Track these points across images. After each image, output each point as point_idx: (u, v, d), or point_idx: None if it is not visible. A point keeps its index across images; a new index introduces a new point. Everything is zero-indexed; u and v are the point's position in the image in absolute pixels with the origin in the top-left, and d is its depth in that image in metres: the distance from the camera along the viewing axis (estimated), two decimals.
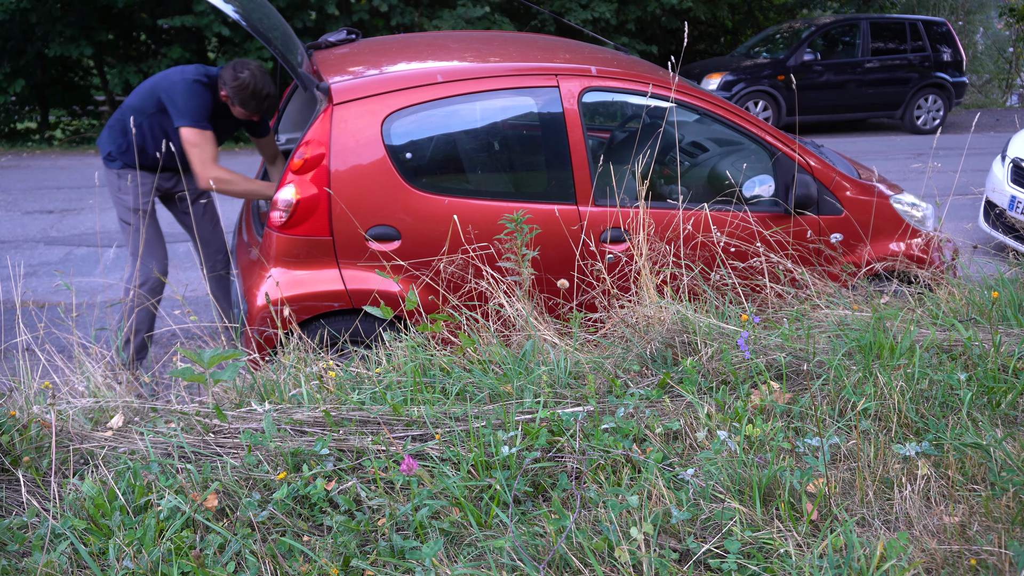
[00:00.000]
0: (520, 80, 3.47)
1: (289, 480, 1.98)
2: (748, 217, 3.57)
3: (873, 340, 2.56)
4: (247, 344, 3.27)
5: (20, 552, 1.81)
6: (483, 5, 12.06)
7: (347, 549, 1.79)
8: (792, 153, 3.64)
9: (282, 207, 3.19)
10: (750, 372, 2.52)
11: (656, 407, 2.36)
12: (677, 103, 3.57)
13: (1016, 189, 5.86)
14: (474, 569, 1.72)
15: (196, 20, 11.08)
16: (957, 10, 19.50)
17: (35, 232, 6.72)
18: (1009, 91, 19.76)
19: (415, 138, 3.40)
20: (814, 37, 12.11)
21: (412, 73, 3.41)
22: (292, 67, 3.30)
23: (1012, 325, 2.91)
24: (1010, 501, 1.87)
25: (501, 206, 3.34)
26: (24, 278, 5.42)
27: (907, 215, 3.90)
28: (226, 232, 4.52)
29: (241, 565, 1.77)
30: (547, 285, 3.37)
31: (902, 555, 1.67)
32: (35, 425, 2.19)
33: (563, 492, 2.00)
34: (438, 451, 2.11)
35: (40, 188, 8.39)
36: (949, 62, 12.33)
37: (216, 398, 2.50)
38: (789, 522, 1.83)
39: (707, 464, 2.03)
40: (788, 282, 3.34)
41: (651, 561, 1.69)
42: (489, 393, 2.41)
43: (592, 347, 2.94)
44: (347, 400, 2.39)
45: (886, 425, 2.28)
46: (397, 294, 3.25)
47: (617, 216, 3.45)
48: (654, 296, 3.03)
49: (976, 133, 12.08)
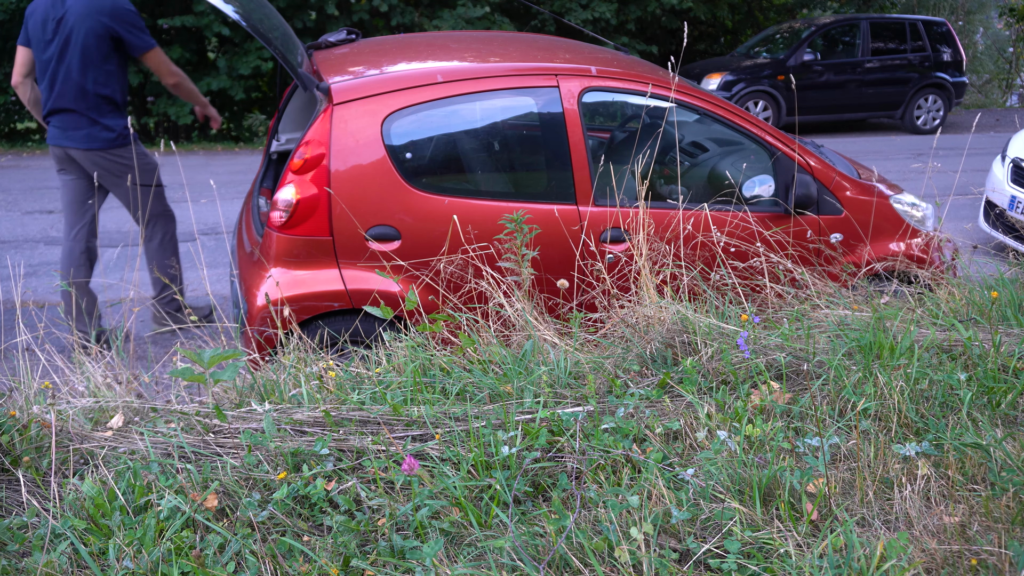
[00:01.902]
0: (520, 80, 3.47)
1: (289, 480, 1.98)
2: (748, 217, 3.57)
3: (873, 340, 2.56)
4: (247, 344, 3.27)
5: (20, 552, 1.82)
6: (483, 5, 12.06)
7: (347, 549, 1.79)
8: (792, 153, 3.64)
9: (282, 207, 3.19)
10: (750, 372, 2.52)
11: (656, 407, 2.36)
12: (677, 103, 3.57)
13: (1016, 189, 5.86)
14: (474, 569, 1.72)
15: (196, 20, 11.08)
16: (957, 10, 19.51)
17: (35, 232, 6.72)
18: (1009, 91, 19.77)
19: (415, 138, 3.40)
20: (814, 37, 12.11)
21: (412, 73, 3.41)
22: (292, 67, 3.30)
23: (1012, 325, 2.91)
24: (1010, 501, 1.87)
25: (501, 206, 3.34)
26: (24, 278, 5.42)
27: (907, 215, 3.90)
28: (226, 232, 4.53)
29: (241, 565, 1.77)
30: (547, 285, 3.37)
31: (902, 555, 1.67)
32: (35, 425, 2.19)
33: (563, 492, 2.00)
34: (438, 451, 2.11)
35: (40, 188, 8.39)
36: (949, 62, 12.33)
37: (216, 398, 2.51)
38: (789, 522, 1.83)
39: (707, 464, 2.03)
40: (788, 282, 3.34)
41: (651, 561, 1.69)
42: (489, 393, 2.41)
43: (592, 347, 2.94)
44: (347, 400, 2.39)
45: (886, 425, 2.28)
46: (397, 294, 3.25)
47: (617, 216, 3.45)
48: (654, 296, 3.03)
49: (976, 133, 12.09)
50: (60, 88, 4.06)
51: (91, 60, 4.03)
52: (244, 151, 10.69)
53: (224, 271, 5.59)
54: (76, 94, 4.06)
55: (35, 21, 4.07)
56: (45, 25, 4.03)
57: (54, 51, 4.02)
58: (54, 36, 4.01)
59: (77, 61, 4.01)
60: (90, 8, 3.99)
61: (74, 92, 4.06)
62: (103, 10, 4.01)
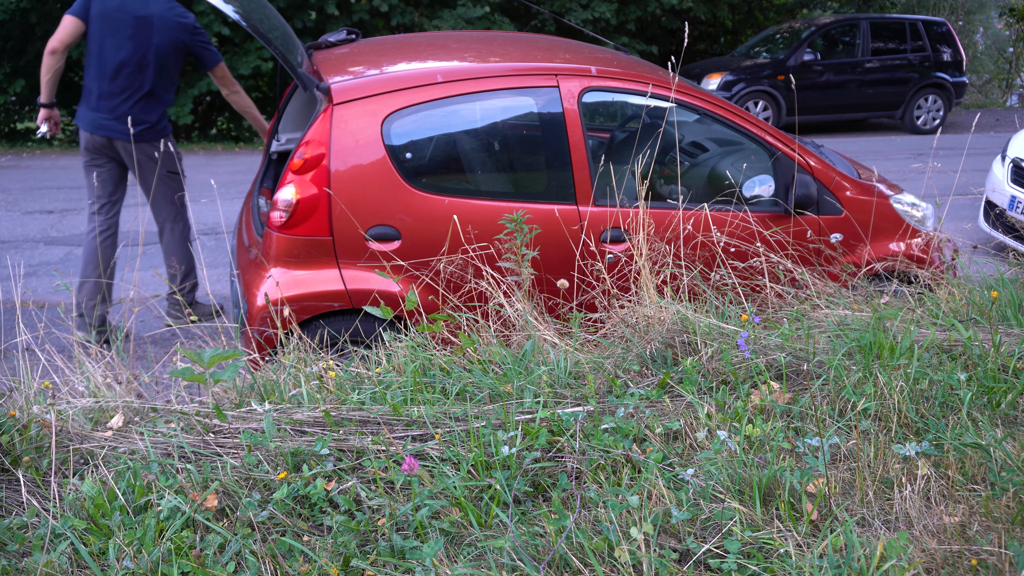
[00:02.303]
0: (520, 80, 3.47)
1: (289, 480, 1.98)
2: (748, 217, 3.57)
3: (873, 340, 2.56)
4: (247, 344, 3.27)
5: (20, 552, 1.82)
6: (483, 5, 12.06)
7: (347, 549, 1.79)
8: (792, 153, 3.64)
9: (282, 207, 3.19)
10: (750, 372, 2.52)
11: (656, 407, 2.36)
12: (677, 103, 3.57)
13: (1016, 189, 5.86)
14: (474, 569, 1.72)
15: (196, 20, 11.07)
16: (957, 10, 19.50)
17: (35, 232, 6.72)
18: (1009, 91, 19.77)
19: (415, 138, 3.40)
20: (814, 37, 12.11)
21: (412, 73, 3.41)
22: (292, 67, 3.30)
23: (1012, 325, 2.91)
24: (1010, 501, 1.87)
25: (501, 206, 3.34)
26: (24, 278, 5.42)
27: (907, 215, 3.90)
28: (226, 232, 4.54)
29: (241, 565, 1.77)
30: (547, 285, 3.37)
31: (902, 555, 1.67)
32: (35, 425, 2.19)
33: (563, 492, 2.00)
34: (438, 451, 2.11)
35: (40, 188, 8.39)
36: (949, 62, 12.33)
37: (216, 398, 2.50)
38: (789, 522, 1.83)
39: (707, 464, 2.03)
40: (788, 282, 3.34)
41: (651, 561, 1.69)
42: (489, 393, 2.41)
43: (592, 347, 2.94)
44: (347, 400, 2.39)
45: (886, 425, 2.28)
46: (397, 294, 3.25)
47: (617, 216, 3.45)
48: (654, 296, 3.03)
49: (976, 133, 12.08)
50: (125, 83, 4.20)
51: (166, 71, 4.28)
52: (244, 151, 10.69)
53: (224, 271, 5.59)
54: (141, 94, 4.24)
55: (109, 5, 4.13)
56: (122, 16, 4.12)
57: (131, 49, 4.14)
58: (134, 33, 4.13)
59: (153, 68, 4.21)
60: (173, 24, 4.20)
61: (140, 92, 4.23)
62: (185, 28, 4.26)
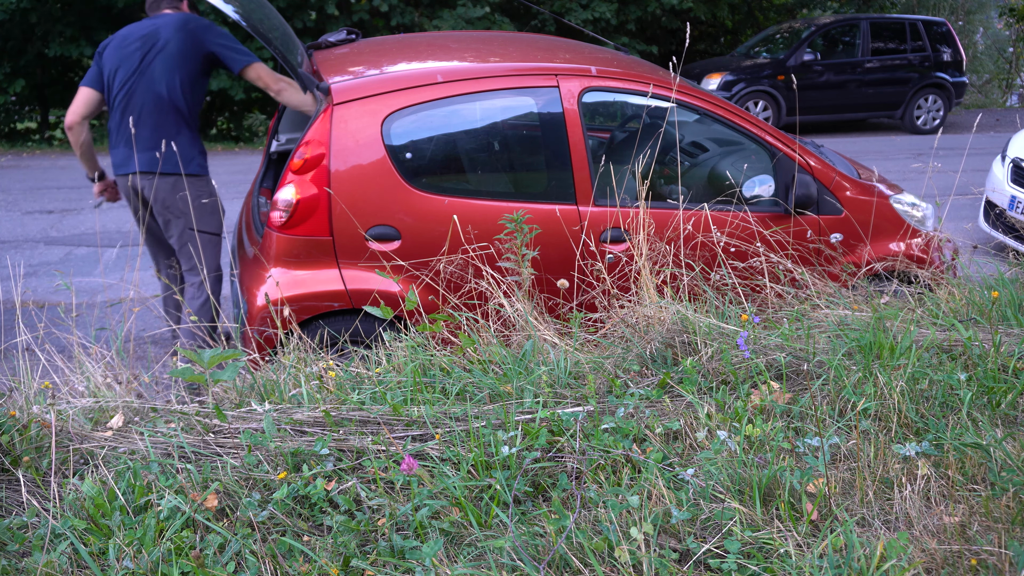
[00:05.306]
0: (520, 80, 3.47)
1: (289, 480, 1.98)
2: (748, 217, 3.57)
3: (873, 340, 2.56)
4: (247, 344, 3.27)
5: (20, 552, 1.82)
6: (483, 5, 12.06)
7: (347, 549, 1.79)
8: (792, 153, 3.64)
9: (282, 207, 3.19)
10: (750, 372, 2.52)
11: (656, 407, 2.36)
12: (677, 103, 3.57)
13: (1016, 189, 5.86)
14: (474, 569, 1.72)
15: None
16: (957, 10, 19.50)
17: (35, 232, 6.72)
18: (1009, 91, 19.77)
19: (415, 138, 3.40)
20: (814, 37, 12.11)
21: (412, 73, 3.41)
22: (292, 67, 3.30)
23: (1012, 325, 2.91)
24: (1010, 501, 1.87)
25: (501, 206, 3.34)
26: (24, 278, 5.42)
27: (907, 215, 3.90)
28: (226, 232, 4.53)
29: (241, 565, 1.77)
30: (547, 285, 3.37)
31: (902, 555, 1.67)
32: (35, 425, 2.19)
33: (563, 492, 2.00)
34: (438, 451, 2.11)
35: (40, 188, 8.39)
36: (949, 62, 12.33)
37: (216, 398, 2.51)
38: (789, 522, 1.83)
39: (707, 464, 2.03)
40: (788, 282, 3.34)
41: (651, 561, 1.69)
42: (489, 393, 2.41)
43: (592, 347, 2.94)
44: (347, 400, 2.39)
45: (886, 425, 2.28)
46: (397, 294, 3.25)
47: (617, 216, 3.45)
48: (654, 296, 3.03)
49: (976, 133, 12.08)
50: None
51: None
52: (244, 151, 10.69)
53: (224, 271, 5.58)
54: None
55: (127, 53, 3.61)
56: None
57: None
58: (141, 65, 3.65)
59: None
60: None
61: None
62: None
